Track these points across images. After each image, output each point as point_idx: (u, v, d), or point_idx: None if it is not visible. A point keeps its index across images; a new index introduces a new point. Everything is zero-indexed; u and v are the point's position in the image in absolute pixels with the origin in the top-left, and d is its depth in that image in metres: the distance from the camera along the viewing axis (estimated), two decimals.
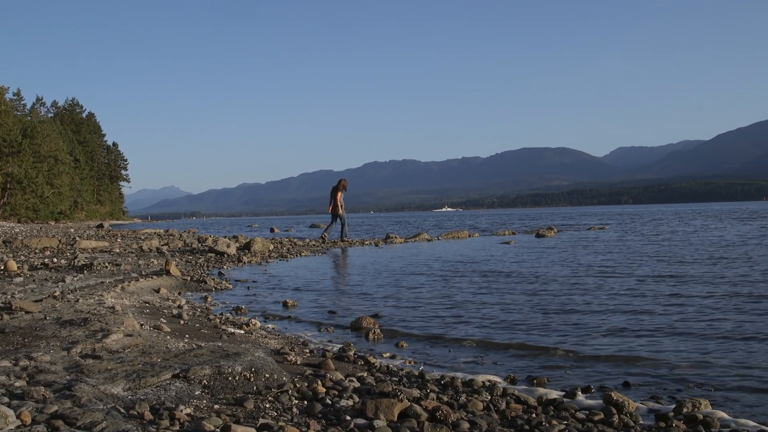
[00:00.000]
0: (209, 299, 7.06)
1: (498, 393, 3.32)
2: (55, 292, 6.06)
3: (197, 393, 2.92)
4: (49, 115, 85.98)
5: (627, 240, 16.56)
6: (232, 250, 13.28)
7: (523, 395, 3.27)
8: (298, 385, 3.21)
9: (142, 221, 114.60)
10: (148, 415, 2.50)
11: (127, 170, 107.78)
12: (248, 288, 8.23)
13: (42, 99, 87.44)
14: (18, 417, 2.32)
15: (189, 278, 8.64)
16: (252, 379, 3.17)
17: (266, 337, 4.83)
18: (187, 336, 4.47)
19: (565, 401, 3.17)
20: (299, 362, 3.91)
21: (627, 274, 8.46)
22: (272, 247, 15.29)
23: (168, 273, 8.48)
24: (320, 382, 3.31)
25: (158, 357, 3.47)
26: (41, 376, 2.99)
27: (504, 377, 3.76)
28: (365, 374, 3.67)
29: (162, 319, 5.18)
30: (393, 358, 4.32)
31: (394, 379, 3.60)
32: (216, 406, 2.76)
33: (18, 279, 7.36)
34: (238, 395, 2.95)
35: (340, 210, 18.78)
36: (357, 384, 3.37)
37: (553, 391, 3.42)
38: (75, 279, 7.49)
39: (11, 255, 11.27)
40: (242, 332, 4.96)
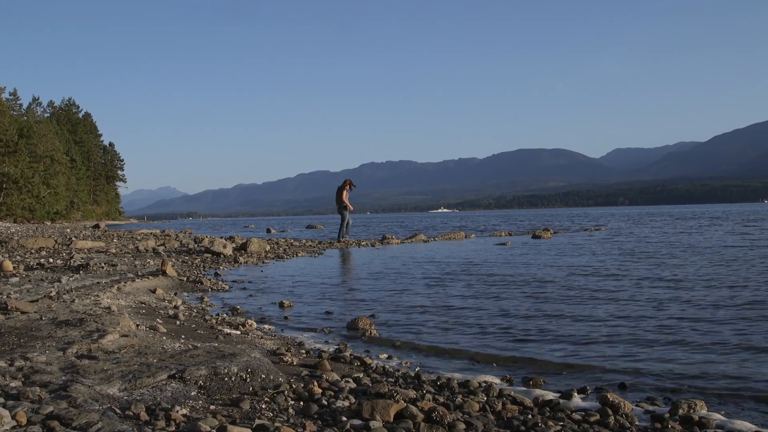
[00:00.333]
0: (205, 300, 7.05)
1: (494, 394, 3.32)
2: (51, 293, 6.05)
3: (193, 393, 2.91)
4: (46, 115, 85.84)
5: (622, 242, 16.59)
6: (229, 251, 13.26)
7: (519, 396, 3.28)
8: (294, 386, 3.21)
9: (139, 221, 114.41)
10: (144, 416, 2.50)
11: (124, 170, 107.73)
12: (244, 289, 8.22)
13: (38, 99, 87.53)
14: (13, 417, 2.32)
15: (185, 279, 8.62)
16: (248, 380, 3.17)
17: (262, 338, 4.83)
18: (183, 336, 4.47)
19: (561, 402, 3.18)
20: (295, 363, 3.91)
21: (623, 277, 8.47)
22: (268, 248, 15.27)
23: (164, 273, 8.47)
24: (316, 383, 3.31)
25: (154, 357, 3.47)
26: (37, 377, 2.98)
27: (500, 378, 3.77)
28: (361, 375, 3.68)
29: (158, 320, 5.17)
30: (389, 359, 4.33)
31: (390, 380, 3.60)
32: (212, 407, 2.76)
33: (14, 279, 7.34)
34: (234, 396, 2.95)
35: (350, 207, 19.20)
36: (353, 385, 3.37)
37: (549, 393, 3.43)
38: (71, 279, 7.48)
39: (7, 255, 11.24)
40: (238, 333, 4.96)
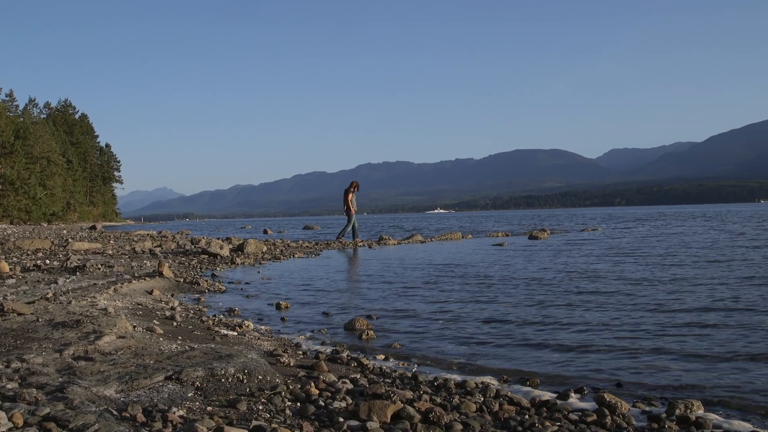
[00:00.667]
0: (202, 301, 7.05)
1: (491, 394, 3.33)
2: (48, 294, 6.04)
3: (190, 395, 2.91)
4: (42, 117, 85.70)
5: (619, 242, 16.61)
6: (225, 252, 13.25)
7: (516, 396, 3.28)
8: (291, 387, 3.20)
9: (135, 223, 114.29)
10: (141, 417, 2.50)
11: (120, 171, 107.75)
12: (241, 290, 8.21)
13: (35, 100, 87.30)
14: (10, 419, 2.31)
15: (182, 280, 8.61)
16: (245, 381, 3.16)
17: (259, 339, 4.82)
18: (180, 338, 4.47)
19: (558, 403, 3.18)
20: (292, 364, 3.91)
21: (620, 278, 8.48)
22: (265, 249, 15.27)
23: (161, 275, 8.46)
24: (313, 384, 3.31)
25: (151, 359, 3.46)
26: (33, 378, 2.98)
27: (497, 379, 3.77)
28: (358, 376, 3.67)
29: (155, 321, 5.17)
30: (386, 360, 4.32)
31: (387, 381, 3.60)
32: (209, 408, 2.75)
33: (10, 281, 7.32)
34: (231, 397, 2.95)
35: (352, 210, 19.51)
36: (350, 385, 3.37)
37: (546, 393, 3.43)
38: (67, 281, 7.46)
39: (3, 256, 11.21)
40: (235, 334, 4.95)
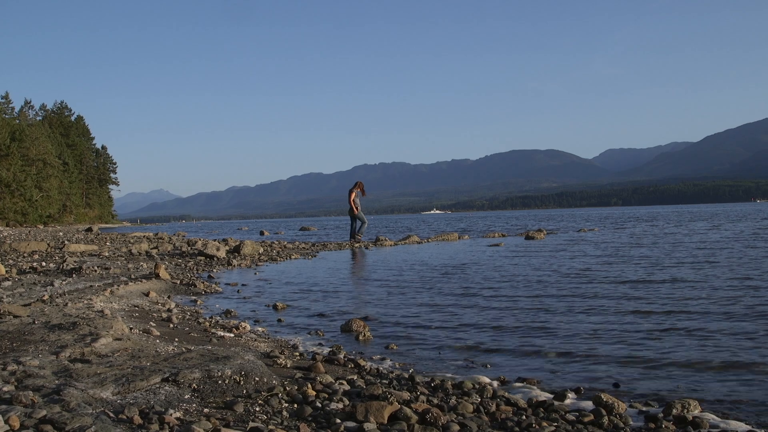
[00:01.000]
0: (199, 302, 7.04)
1: (488, 395, 3.33)
2: (44, 296, 6.02)
3: (187, 397, 2.91)
4: (38, 119, 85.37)
5: (616, 242, 16.64)
6: (222, 254, 13.23)
7: (513, 397, 3.28)
8: (288, 388, 3.20)
9: (132, 224, 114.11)
10: (138, 420, 2.49)
11: (116, 173, 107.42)
12: (238, 291, 8.20)
13: (30, 102, 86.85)
14: (6, 422, 2.31)
15: (178, 282, 8.60)
16: (242, 383, 3.16)
17: (256, 341, 4.82)
18: (177, 339, 4.46)
19: (555, 403, 3.18)
20: (289, 365, 3.91)
21: (617, 278, 8.49)
22: (262, 250, 15.26)
23: (157, 276, 8.45)
24: (310, 385, 3.31)
25: (147, 361, 3.46)
26: (30, 381, 2.97)
27: (494, 379, 3.77)
28: (355, 377, 3.67)
29: (151, 323, 5.16)
30: (383, 361, 4.33)
31: (384, 382, 3.60)
32: (206, 410, 2.75)
33: (6, 283, 7.30)
34: (228, 399, 2.95)
35: (355, 210, 19.60)
36: (347, 387, 3.37)
37: (543, 393, 3.44)
38: (64, 283, 7.45)
39: None
40: (232, 335, 4.95)
